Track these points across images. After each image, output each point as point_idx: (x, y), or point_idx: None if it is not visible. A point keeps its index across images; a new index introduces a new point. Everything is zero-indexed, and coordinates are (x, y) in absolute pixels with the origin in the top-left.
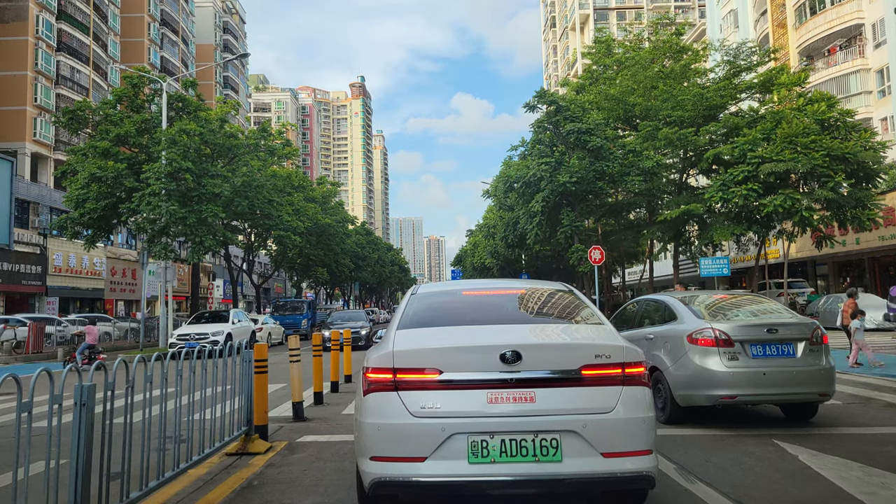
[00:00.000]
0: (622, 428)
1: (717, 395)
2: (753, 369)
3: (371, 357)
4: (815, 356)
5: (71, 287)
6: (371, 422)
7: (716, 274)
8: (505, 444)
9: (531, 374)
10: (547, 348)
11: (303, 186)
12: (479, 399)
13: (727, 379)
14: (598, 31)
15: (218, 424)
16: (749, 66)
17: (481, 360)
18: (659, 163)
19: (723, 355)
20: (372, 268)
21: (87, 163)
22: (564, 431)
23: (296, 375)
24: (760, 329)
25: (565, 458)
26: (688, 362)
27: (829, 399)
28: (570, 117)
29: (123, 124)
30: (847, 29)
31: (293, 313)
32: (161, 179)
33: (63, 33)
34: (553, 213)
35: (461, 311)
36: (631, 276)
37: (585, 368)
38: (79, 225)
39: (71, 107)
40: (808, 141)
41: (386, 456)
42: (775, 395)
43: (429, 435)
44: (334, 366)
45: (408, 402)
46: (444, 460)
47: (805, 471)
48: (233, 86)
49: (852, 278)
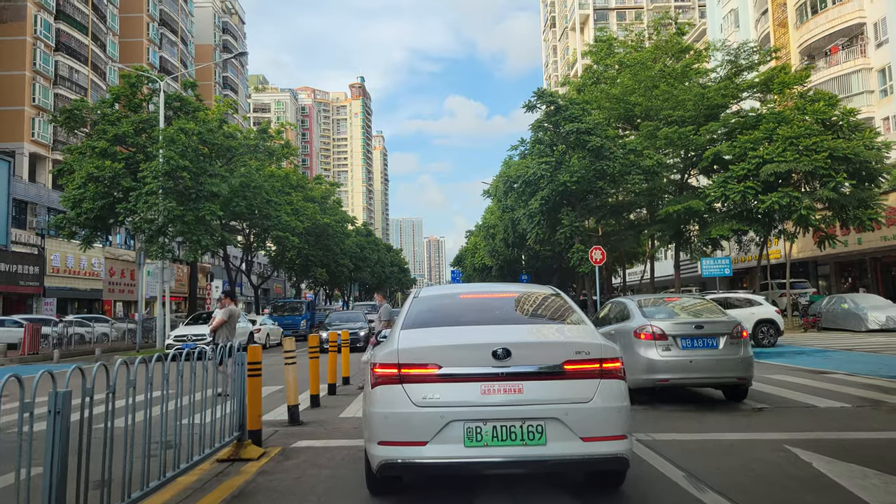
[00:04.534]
0: (599, 416)
1: (654, 379)
2: (683, 358)
3: (378, 354)
4: (735, 348)
5: (69, 288)
6: (379, 411)
7: (717, 274)
8: (496, 429)
9: (520, 368)
10: (534, 346)
11: (301, 186)
12: (474, 391)
13: (662, 366)
14: (599, 31)
15: (209, 430)
16: (751, 66)
17: (476, 357)
18: (660, 162)
19: (659, 347)
20: (371, 268)
21: (84, 162)
22: (549, 419)
23: (291, 378)
24: (690, 326)
25: (549, 441)
26: (634, 353)
27: (748, 383)
28: (569, 117)
29: (121, 124)
30: (849, 28)
31: (292, 314)
32: (158, 178)
33: (61, 33)
34: (553, 213)
35: (458, 313)
36: (631, 276)
37: (568, 363)
38: (75, 225)
39: (68, 105)
40: (810, 143)
41: (392, 441)
42: (701, 378)
43: (429, 422)
44: (331, 368)
45: (411, 394)
46: (443, 444)
47: (820, 479)
48: (232, 86)
49: (854, 279)
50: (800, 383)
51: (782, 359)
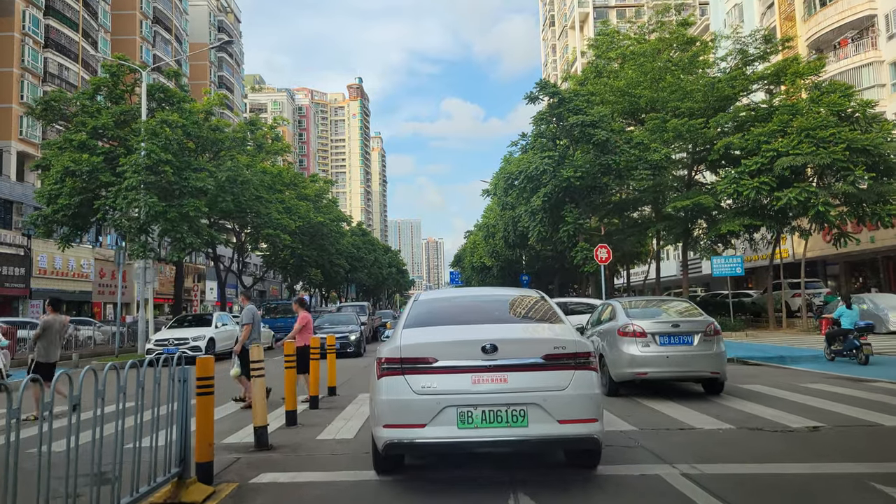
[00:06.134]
0: (573, 402)
1: (634, 372)
2: (660, 354)
3: (383, 350)
4: (708, 345)
5: (57, 290)
6: (384, 398)
7: (729, 273)
8: (485, 413)
9: (505, 361)
10: (518, 342)
11: (294, 184)
12: (466, 380)
13: (642, 360)
14: (602, 24)
15: (141, 464)
16: (762, 55)
17: (467, 351)
18: (668, 156)
19: (639, 343)
20: (368, 269)
21: (61, 157)
22: (530, 404)
23: (258, 394)
24: (667, 324)
25: (530, 424)
26: (617, 349)
27: (722, 378)
28: (573, 109)
29: (101, 116)
30: (859, 20)
31: (285, 316)
32: (139, 172)
33: (51, 29)
34: (556, 210)
35: (453, 314)
36: (634, 277)
37: (547, 357)
38: (52, 222)
39: (46, 97)
40: (826, 134)
41: (395, 423)
42: (677, 372)
43: (427, 407)
44: (314, 378)
45: (412, 383)
46: (439, 426)
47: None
48: (228, 86)
49: (865, 278)
50: (844, 394)
51: (814, 364)
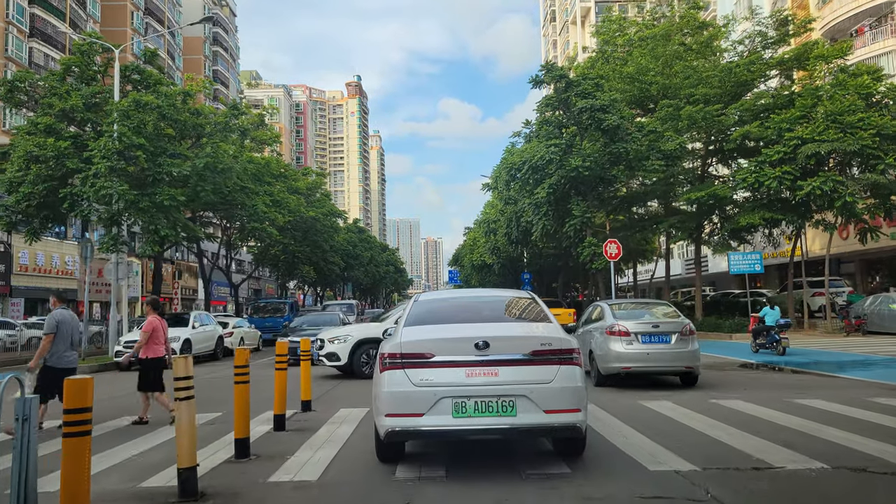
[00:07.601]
0: (558, 394)
1: (619, 367)
2: (641, 351)
3: (385, 346)
4: (684, 343)
5: (41, 287)
6: (386, 390)
7: (747, 271)
8: (477, 404)
9: (496, 356)
10: (508, 339)
11: (284, 176)
12: (460, 374)
13: (626, 356)
14: (605, 19)
15: None
16: (782, 38)
17: (462, 348)
18: (682, 145)
19: (623, 341)
20: (365, 267)
21: (25, 141)
22: (518, 396)
23: (185, 422)
24: (648, 325)
25: (519, 413)
26: (605, 346)
27: (696, 372)
28: (581, 93)
29: (70, 97)
30: (877, 7)
31: (273, 315)
32: (108, 158)
33: (36, 18)
34: (562, 203)
35: (450, 313)
36: (640, 275)
37: (534, 353)
38: (15, 213)
39: (11, 77)
40: (854, 119)
41: (396, 413)
42: (656, 367)
43: (425, 398)
44: (279, 391)
45: (411, 376)
46: (436, 415)
47: None
48: (223, 80)
49: (882, 277)
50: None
51: (866, 372)
